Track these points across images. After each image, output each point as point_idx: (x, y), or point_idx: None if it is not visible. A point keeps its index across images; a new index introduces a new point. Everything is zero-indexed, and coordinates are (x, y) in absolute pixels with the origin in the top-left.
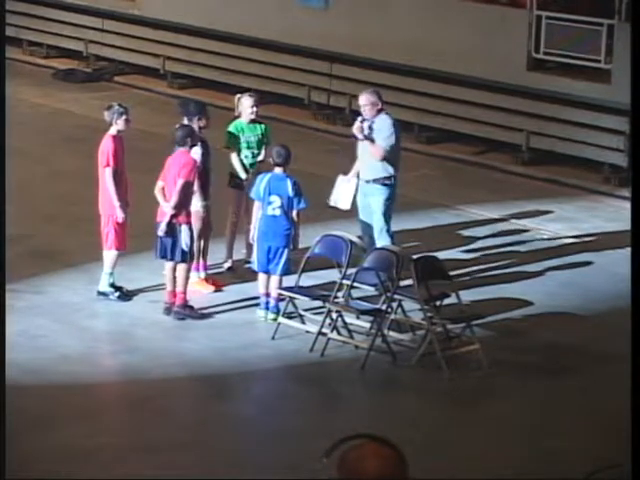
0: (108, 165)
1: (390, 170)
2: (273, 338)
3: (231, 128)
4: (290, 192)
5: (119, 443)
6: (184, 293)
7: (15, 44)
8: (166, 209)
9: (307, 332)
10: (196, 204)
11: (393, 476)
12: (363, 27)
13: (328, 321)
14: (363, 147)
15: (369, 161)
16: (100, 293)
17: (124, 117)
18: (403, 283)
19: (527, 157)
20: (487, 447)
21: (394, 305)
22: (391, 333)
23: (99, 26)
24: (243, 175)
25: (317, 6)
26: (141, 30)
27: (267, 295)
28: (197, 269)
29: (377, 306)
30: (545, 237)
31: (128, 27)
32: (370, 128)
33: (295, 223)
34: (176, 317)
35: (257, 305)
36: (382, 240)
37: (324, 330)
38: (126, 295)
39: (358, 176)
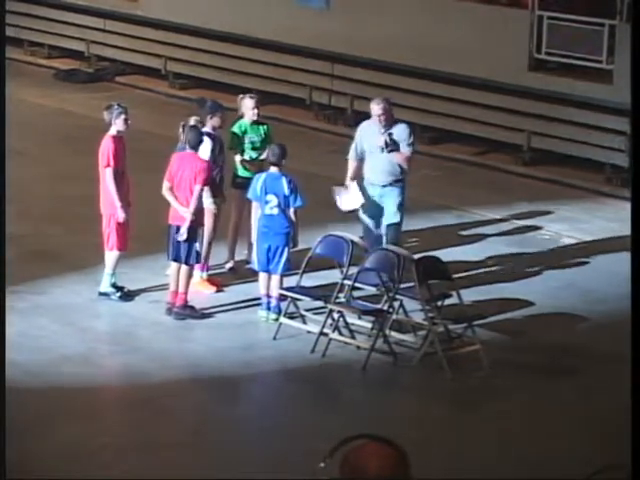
0: (108, 165)
1: (402, 171)
2: (274, 338)
3: (235, 129)
4: (286, 190)
5: (119, 443)
6: (185, 294)
7: (16, 44)
8: (186, 214)
9: (308, 332)
10: (207, 200)
11: (395, 476)
12: (364, 27)
13: (330, 321)
14: (377, 154)
15: (385, 167)
16: (101, 294)
17: (123, 117)
18: (404, 283)
19: (528, 157)
20: (488, 447)
21: (395, 305)
22: (392, 333)
23: (101, 26)
24: (248, 173)
25: (318, 6)
26: (143, 30)
27: (268, 296)
28: (202, 269)
29: (379, 306)
30: (546, 237)
31: (130, 27)
32: (390, 137)
33: (293, 221)
34: (176, 317)
35: (259, 305)
36: (398, 236)
37: (326, 330)
38: (127, 295)
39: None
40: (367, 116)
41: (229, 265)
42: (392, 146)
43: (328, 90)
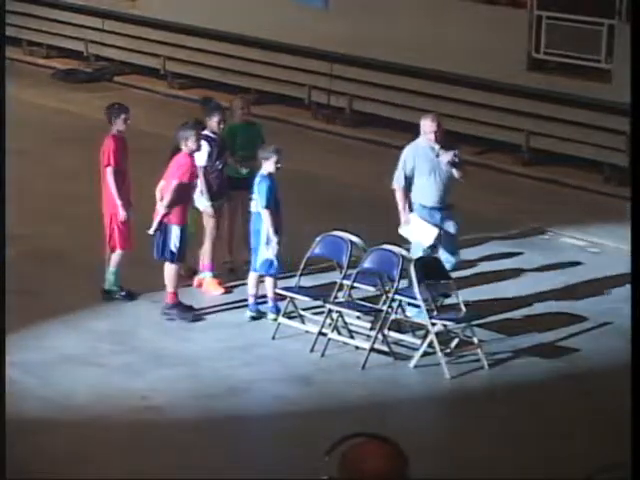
0: (109, 165)
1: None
2: (273, 338)
3: (226, 130)
4: (256, 190)
5: (119, 443)
6: (173, 293)
7: (15, 44)
8: (159, 208)
9: (307, 332)
10: (204, 203)
11: (393, 475)
12: (363, 27)
13: (328, 321)
14: (433, 176)
15: (443, 188)
16: (103, 293)
17: (123, 117)
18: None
19: (527, 157)
20: (487, 447)
21: (394, 305)
22: (391, 333)
23: (99, 26)
24: (238, 174)
25: (317, 6)
26: (141, 30)
27: (254, 296)
28: (209, 269)
29: (377, 306)
30: (545, 237)
31: (128, 27)
32: (456, 154)
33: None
34: (166, 317)
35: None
36: (457, 258)
37: (324, 330)
38: (129, 295)
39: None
40: (366, 116)
41: (228, 265)
42: (460, 160)
43: (327, 90)
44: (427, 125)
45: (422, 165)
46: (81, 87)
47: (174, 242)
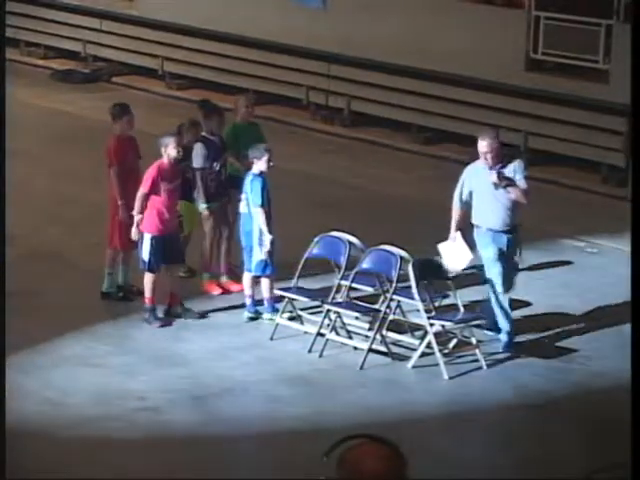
0: (111, 165)
1: (515, 214)
2: (271, 339)
3: (229, 130)
4: (248, 189)
5: (118, 443)
6: (148, 298)
7: (13, 45)
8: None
9: (305, 333)
10: (200, 205)
11: (392, 476)
12: (361, 27)
13: (327, 322)
14: (489, 197)
15: (501, 209)
16: (103, 293)
17: (125, 117)
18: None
19: (525, 158)
20: (486, 447)
21: (393, 306)
22: (390, 334)
23: (97, 27)
24: (237, 172)
25: (315, 6)
26: (139, 31)
27: (251, 297)
28: (208, 270)
29: (376, 307)
30: (543, 237)
31: (126, 28)
32: (500, 174)
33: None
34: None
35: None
36: (510, 288)
37: (322, 331)
38: (128, 295)
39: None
40: (364, 117)
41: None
42: (506, 181)
43: (325, 90)
44: (480, 146)
45: (480, 186)
46: (79, 88)
47: (144, 250)
